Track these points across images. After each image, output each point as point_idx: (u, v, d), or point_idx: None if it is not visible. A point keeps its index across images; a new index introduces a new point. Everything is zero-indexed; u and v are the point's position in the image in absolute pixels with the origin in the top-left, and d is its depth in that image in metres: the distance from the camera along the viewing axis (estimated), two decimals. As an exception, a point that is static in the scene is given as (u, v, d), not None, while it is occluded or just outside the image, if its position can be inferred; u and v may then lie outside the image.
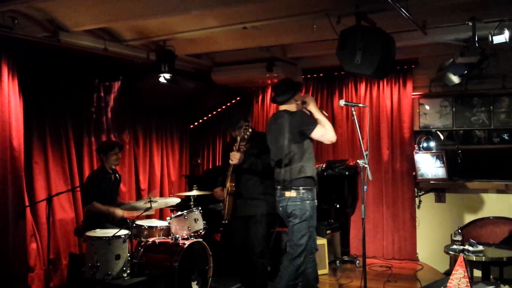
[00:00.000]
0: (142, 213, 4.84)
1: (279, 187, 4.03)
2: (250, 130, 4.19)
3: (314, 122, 3.97)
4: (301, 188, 3.91)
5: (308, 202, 3.93)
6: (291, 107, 4.07)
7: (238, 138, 4.25)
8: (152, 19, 4.51)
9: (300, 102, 4.10)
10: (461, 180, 5.89)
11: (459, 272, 3.07)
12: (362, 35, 3.98)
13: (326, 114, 4.11)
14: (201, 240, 4.84)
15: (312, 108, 4.06)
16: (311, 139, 4.02)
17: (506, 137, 5.95)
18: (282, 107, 4.11)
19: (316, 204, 4.03)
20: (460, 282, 3.04)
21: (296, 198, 3.90)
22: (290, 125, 3.94)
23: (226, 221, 4.48)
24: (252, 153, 4.33)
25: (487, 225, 5.40)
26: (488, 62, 4.95)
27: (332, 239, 5.95)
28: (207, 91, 7.27)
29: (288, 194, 3.93)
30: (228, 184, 4.36)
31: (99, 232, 4.57)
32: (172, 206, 5.46)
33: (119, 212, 4.99)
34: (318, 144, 5.43)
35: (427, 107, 6.32)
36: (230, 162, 4.27)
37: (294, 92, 4.07)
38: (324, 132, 3.94)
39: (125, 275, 4.47)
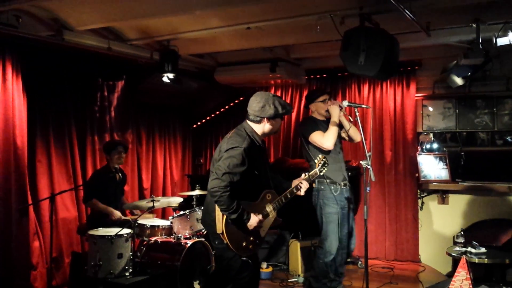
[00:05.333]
0: (145, 212, 4.86)
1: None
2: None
3: None
4: None
5: None
6: None
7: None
8: (156, 19, 4.52)
9: None
10: (464, 182, 5.88)
11: (461, 274, 3.08)
12: (366, 36, 3.97)
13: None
14: (203, 239, 4.85)
15: None
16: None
17: (509, 139, 5.94)
18: None
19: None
20: (462, 284, 3.05)
21: None
22: None
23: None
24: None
25: (490, 227, 5.40)
26: (492, 64, 4.95)
27: (334, 240, 5.94)
28: (210, 91, 7.28)
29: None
30: (272, 211, 3.53)
31: (102, 231, 4.59)
32: (174, 205, 5.48)
33: (117, 213, 5.01)
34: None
35: (430, 109, 6.31)
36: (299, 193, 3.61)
37: None
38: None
39: (127, 274, 4.49)
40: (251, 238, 3.38)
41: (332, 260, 4.45)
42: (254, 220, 3.29)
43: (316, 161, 3.71)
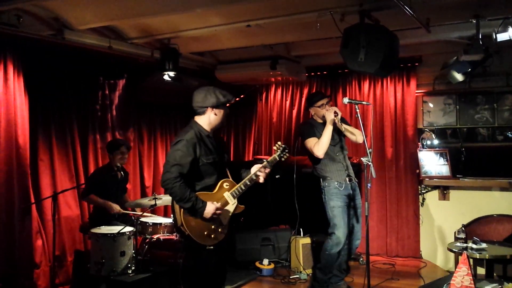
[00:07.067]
0: (147, 210, 4.88)
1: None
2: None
3: None
4: None
5: None
6: None
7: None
8: (156, 17, 4.52)
9: None
10: (464, 178, 5.89)
11: (463, 270, 3.07)
12: (366, 33, 3.98)
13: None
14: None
15: None
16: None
17: (510, 135, 5.94)
18: None
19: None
20: (463, 280, 3.05)
21: None
22: None
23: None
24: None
25: (491, 222, 5.41)
26: (492, 60, 4.95)
27: (336, 237, 5.95)
28: (211, 89, 7.27)
29: None
30: (232, 198, 3.56)
31: (104, 229, 4.61)
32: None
33: (116, 207, 5.03)
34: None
35: (431, 105, 6.31)
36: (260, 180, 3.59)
37: None
38: None
39: (129, 271, 4.51)
40: (213, 227, 3.40)
41: (337, 253, 4.57)
42: (210, 208, 3.31)
43: (275, 147, 3.70)
